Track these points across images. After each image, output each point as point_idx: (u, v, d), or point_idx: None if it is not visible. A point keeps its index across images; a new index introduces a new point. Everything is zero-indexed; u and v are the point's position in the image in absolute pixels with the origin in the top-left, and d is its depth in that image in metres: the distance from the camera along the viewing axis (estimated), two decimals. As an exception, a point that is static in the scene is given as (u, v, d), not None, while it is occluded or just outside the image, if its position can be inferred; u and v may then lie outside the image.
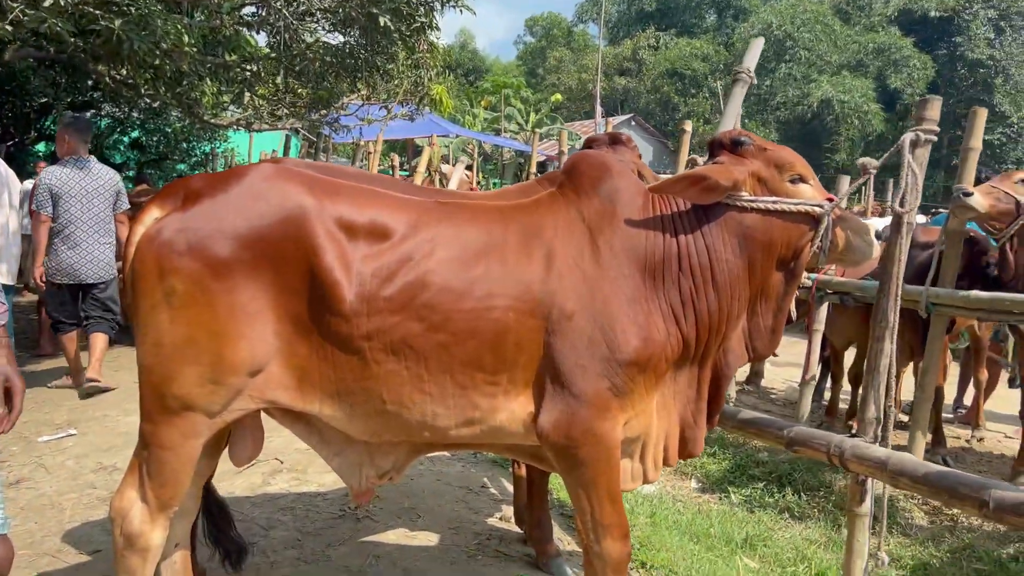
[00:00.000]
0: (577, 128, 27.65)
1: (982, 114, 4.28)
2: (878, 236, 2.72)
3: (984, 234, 5.15)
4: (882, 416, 2.76)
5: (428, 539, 3.87)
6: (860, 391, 6.47)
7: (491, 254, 2.49)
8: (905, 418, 6.93)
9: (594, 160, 2.73)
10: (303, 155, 16.66)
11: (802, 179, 2.65)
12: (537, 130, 29.35)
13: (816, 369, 6.19)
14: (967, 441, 6.42)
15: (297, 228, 2.36)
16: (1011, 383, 6.39)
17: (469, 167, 12.50)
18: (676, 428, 2.71)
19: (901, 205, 2.65)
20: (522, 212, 2.63)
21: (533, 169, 10.62)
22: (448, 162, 14.72)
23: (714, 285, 2.57)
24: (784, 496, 5.27)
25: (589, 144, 3.80)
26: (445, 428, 2.52)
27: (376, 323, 2.38)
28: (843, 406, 6.90)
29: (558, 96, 33.20)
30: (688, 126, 6.67)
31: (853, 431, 2.83)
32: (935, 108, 2.65)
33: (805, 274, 3.83)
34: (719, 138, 2.71)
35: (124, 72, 7.95)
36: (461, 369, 2.44)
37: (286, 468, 4.76)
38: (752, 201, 2.58)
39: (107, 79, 8.14)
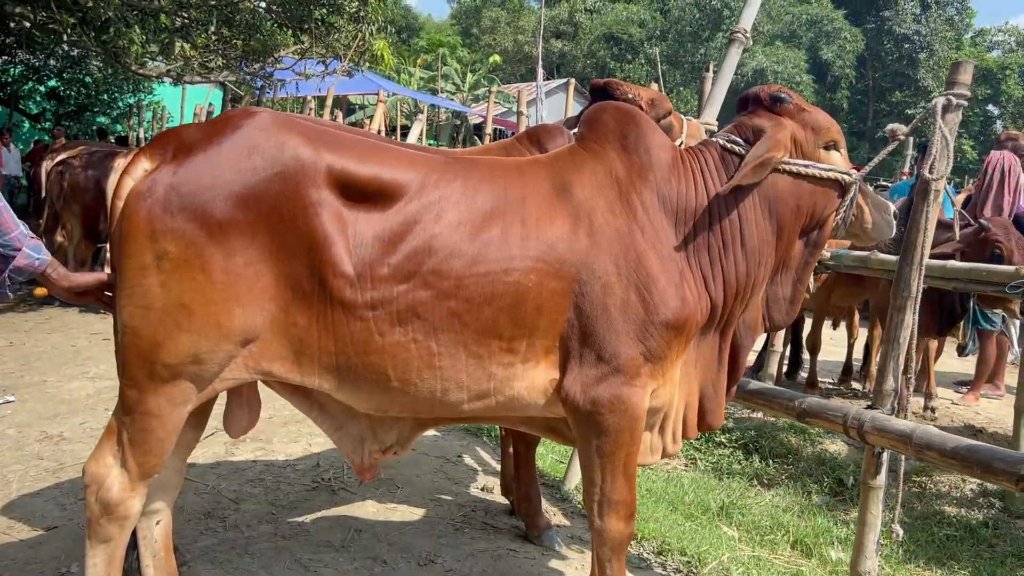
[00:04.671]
0: (513, 91, 27.24)
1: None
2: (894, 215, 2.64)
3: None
4: (899, 388, 2.70)
5: (410, 511, 3.71)
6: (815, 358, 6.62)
7: (508, 214, 2.32)
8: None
9: (618, 111, 2.56)
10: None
11: (835, 146, 2.54)
12: (474, 91, 28.99)
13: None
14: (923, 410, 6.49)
15: (294, 185, 2.15)
16: (960, 351, 6.50)
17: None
18: (696, 399, 2.60)
19: (930, 171, 2.57)
20: (542, 168, 2.47)
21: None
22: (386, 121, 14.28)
23: (743, 247, 2.45)
24: (752, 463, 5.28)
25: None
26: (457, 403, 2.36)
27: (381, 292, 2.19)
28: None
29: (497, 58, 32.64)
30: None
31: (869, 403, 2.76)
32: (967, 72, 2.56)
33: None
34: (757, 93, 2.56)
35: (44, 16, 7.41)
36: (476, 339, 2.28)
37: (249, 437, 4.52)
38: (784, 163, 2.47)
39: (25, 23, 7.56)
